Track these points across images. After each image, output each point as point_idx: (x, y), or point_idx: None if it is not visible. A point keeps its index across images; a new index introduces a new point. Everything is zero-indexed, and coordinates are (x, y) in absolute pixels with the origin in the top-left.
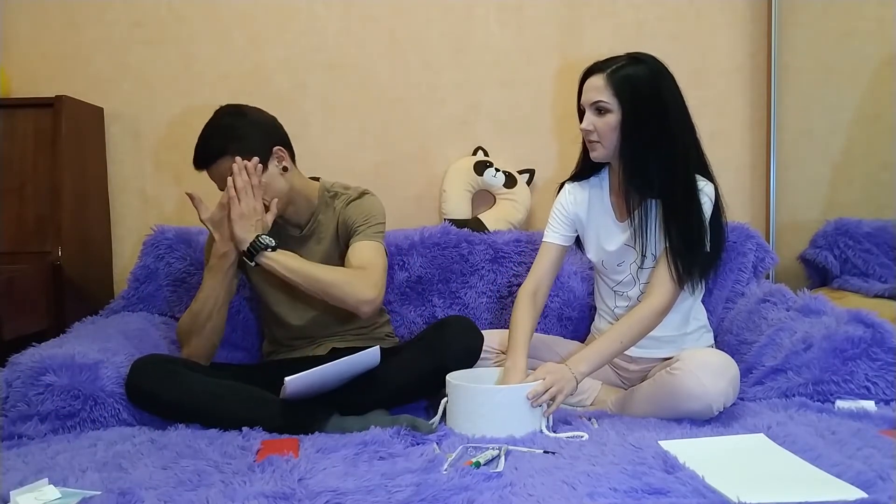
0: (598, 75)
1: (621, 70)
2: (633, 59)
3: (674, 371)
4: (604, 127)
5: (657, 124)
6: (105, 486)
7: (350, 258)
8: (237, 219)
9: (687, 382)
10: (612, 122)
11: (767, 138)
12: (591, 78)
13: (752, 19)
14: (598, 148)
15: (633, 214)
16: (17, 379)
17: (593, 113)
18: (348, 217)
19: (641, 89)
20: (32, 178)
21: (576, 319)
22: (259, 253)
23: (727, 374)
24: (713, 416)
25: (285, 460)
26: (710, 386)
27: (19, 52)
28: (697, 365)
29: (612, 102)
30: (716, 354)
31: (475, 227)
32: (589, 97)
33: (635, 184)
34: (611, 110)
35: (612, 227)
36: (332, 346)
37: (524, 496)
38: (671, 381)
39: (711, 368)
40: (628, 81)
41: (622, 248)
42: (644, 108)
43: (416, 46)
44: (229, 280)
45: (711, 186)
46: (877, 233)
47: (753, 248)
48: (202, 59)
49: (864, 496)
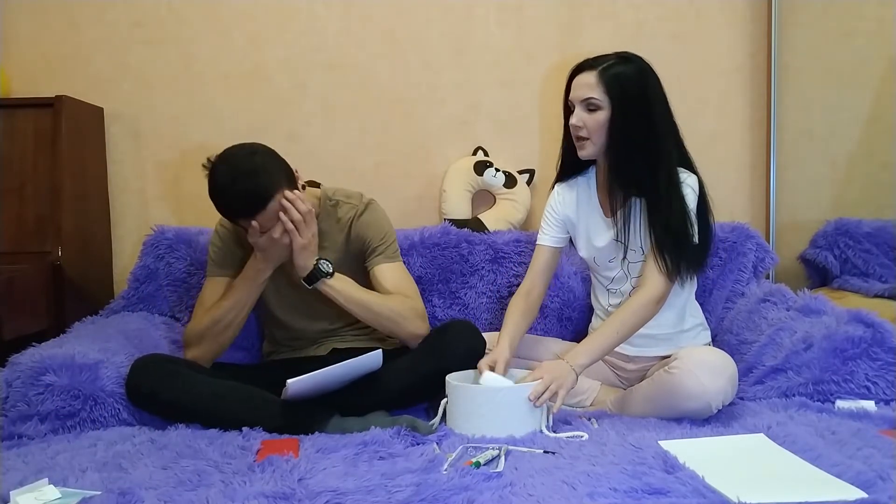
0: (590, 72)
1: (612, 68)
2: (622, 58)
3: (672, 370)
4: (594, 124)
5: (644, 122)
6: (105, 486)
7: (383, 283)
8: (300, 251)
9: (686, 381)
10: (602, 120)
11: (767, 138)
12: (582, 75)
13: (752, 19)
14: (586, 145)
15: (619, 211)
16: (17, 379)
17: (583, 109)
18: (362, 234)
19: (630, 88)
20: (32, 178)
21: (576, 319)
22: (319, 280)
23: (725, 372)
24: (712, 415)
25: (285, 460)
26: (708, 385)
27: (19, 52)
28: (696, 364)
29: (602, 100)
30: (714, 353)
31: (475, 227)
32: (580, 94)
33: (620, 181)
34: (601, 107)
35: (601, 224)
36: (332, 346)
37: (524, 496)
38: (670, 381)
39: (710, 367)
40: (618, 79)
41: (611, 243)
42: (632, 107)
43: (416, 46)
44: (259, 292)
45: (694, 178)
46: (877, 233)
47: (753, 248)
48: (202, 59)
49: (864, 496)
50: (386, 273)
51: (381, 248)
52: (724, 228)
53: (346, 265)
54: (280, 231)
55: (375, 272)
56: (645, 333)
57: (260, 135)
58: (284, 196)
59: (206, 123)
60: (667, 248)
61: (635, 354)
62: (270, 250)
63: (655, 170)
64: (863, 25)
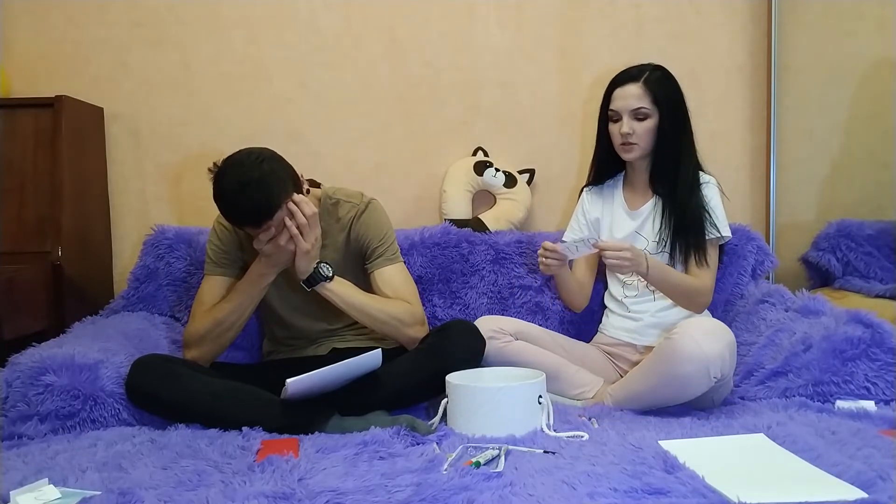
0: (634, 84)
1: (652, 77)
2: (656, 68)
3: (671, 335)
4: (643, 131)
5: (682, 125)
6: (105, 486)
7: (382, 287)
8: (303, 255)
9: (684, 344)
10: (651, 126)
11: (767, 138)
12: (627, 86)
13: (752, 19)
14: (635, 149)
15: (645, 205)
16: (17, 379)
17: (632, 118)
18: (362, 234)
19: (671, 94)
20: (32, 178)
21: (577, 322)
22: (319, 284)
23: (724, 338)
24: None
25: (285, 460)
26: (707, 348)
27: (19, 52)
28: (694, 328)
29: (650, 108)
30: (712, 321)
31: (476, 227)
32: (628, 104)
33: (659, 178)
34: (650, 115)
35: (623, 216)
36: (332, 346)
37: (524, 496)
38: (668, 345)
39: (708, 331)
40: (661, 88)
41: (632, 234)
42: (675, 112)
43: (416, 46)
44: (261, 296)
45: (713, 179)
46: (878, 235)
47: (754, 251)
48: (202, 60)
49: (864, 496)
50: (386, 276)
51: (381, 248)
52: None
53: (346, 265)
54: (286, 238)
55: (376, 275)
56: (654, 322)
57: (260, 135)
58: (291, 200)
59: (206, 123)
60: (689, 237)
61: (645, 345)
62: (275, 256)
63: (687, 167)
64: (863, 25)
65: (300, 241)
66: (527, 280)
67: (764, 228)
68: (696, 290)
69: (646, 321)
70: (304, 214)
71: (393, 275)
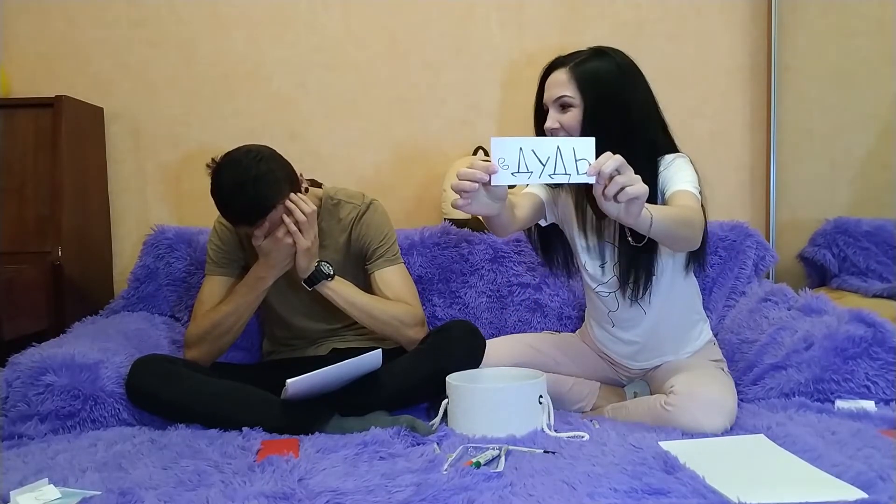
0: (561, 70)
1: (584, 63)
2: (597, 53)
3: (668, 406)
4: (569, 122)
5: (620, 119)
6: (105, 486)
7: (383, 288)
8: (303, 253)
9: (681, 419)
10: (577, 117)
11: (767, 138)
12: (554, 73)
13: (752, 19)
14: None
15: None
16: (17, 379)
17: (557, 110)
18: (363, 235)
19: (604, 83)
20: (32, 178)
21: (575, 319)
22: (319, 283)
23: (724, 408)
24: None
25: (285, 460)
26: (705, 423)
27: (19, 52)
28: (693, 400)
29: (575, 97)
30: (713, 386)
31: (475, 226)
32: (552, 93)
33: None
34: (574, 105)
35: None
36: (332, 346)
37: (524, 496)
38: (665, 416)
39: (707, 404)
40: (591, 75)
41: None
42: (606, 103)
43: (416, 46)
44: (259, 300)
45: (685, 156)
46: (876, 231)
47: (753, 247)
48: (202, 60)
49: (864, 496)
50: (387, 277)
51: (382, 249)
52: (723, 227)
53: (346, 265)
54: (283, 232)
55: (376, 276)
56: (647, 345)
57: (260, 134)
58: (289, 198)
59: (206, 123)
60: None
61: (639, 367)
62: (273, 254)
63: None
64: (863, 25)
65: (300, 238)
66: (525, 278)
67: (764, 227)
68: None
69: (641, 344)
70: (302, 212)
71: (393, 276)
